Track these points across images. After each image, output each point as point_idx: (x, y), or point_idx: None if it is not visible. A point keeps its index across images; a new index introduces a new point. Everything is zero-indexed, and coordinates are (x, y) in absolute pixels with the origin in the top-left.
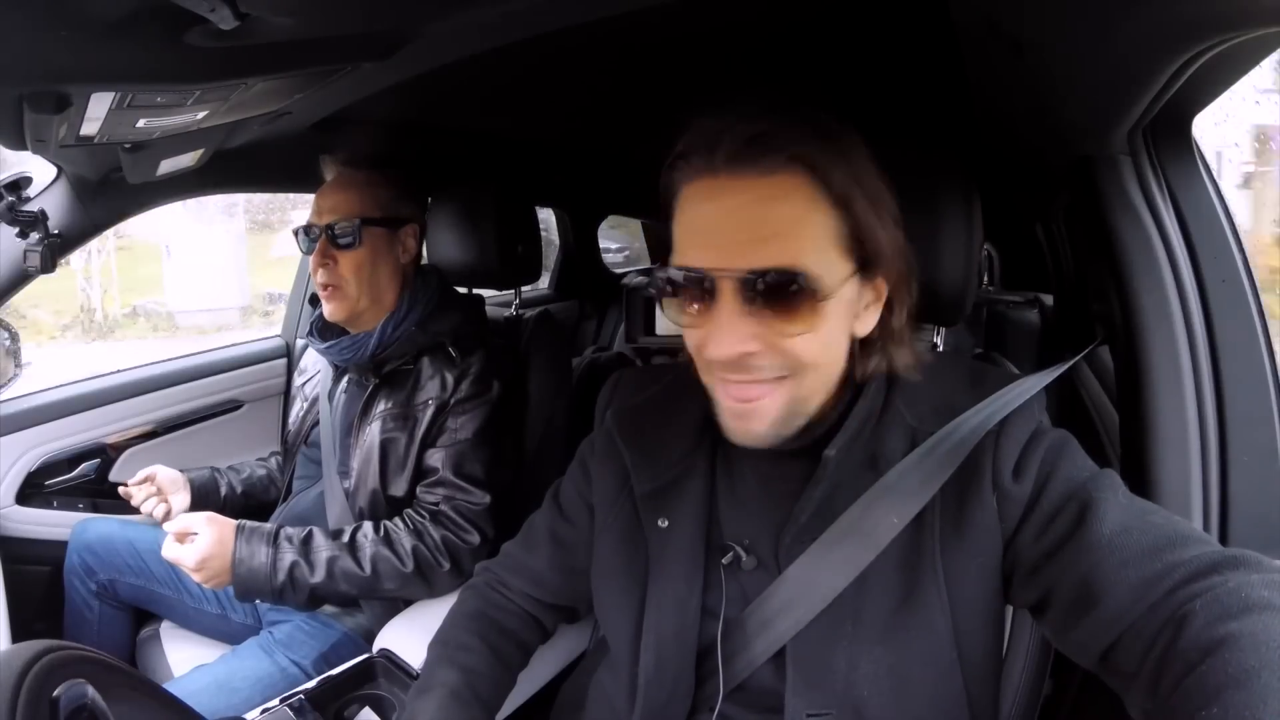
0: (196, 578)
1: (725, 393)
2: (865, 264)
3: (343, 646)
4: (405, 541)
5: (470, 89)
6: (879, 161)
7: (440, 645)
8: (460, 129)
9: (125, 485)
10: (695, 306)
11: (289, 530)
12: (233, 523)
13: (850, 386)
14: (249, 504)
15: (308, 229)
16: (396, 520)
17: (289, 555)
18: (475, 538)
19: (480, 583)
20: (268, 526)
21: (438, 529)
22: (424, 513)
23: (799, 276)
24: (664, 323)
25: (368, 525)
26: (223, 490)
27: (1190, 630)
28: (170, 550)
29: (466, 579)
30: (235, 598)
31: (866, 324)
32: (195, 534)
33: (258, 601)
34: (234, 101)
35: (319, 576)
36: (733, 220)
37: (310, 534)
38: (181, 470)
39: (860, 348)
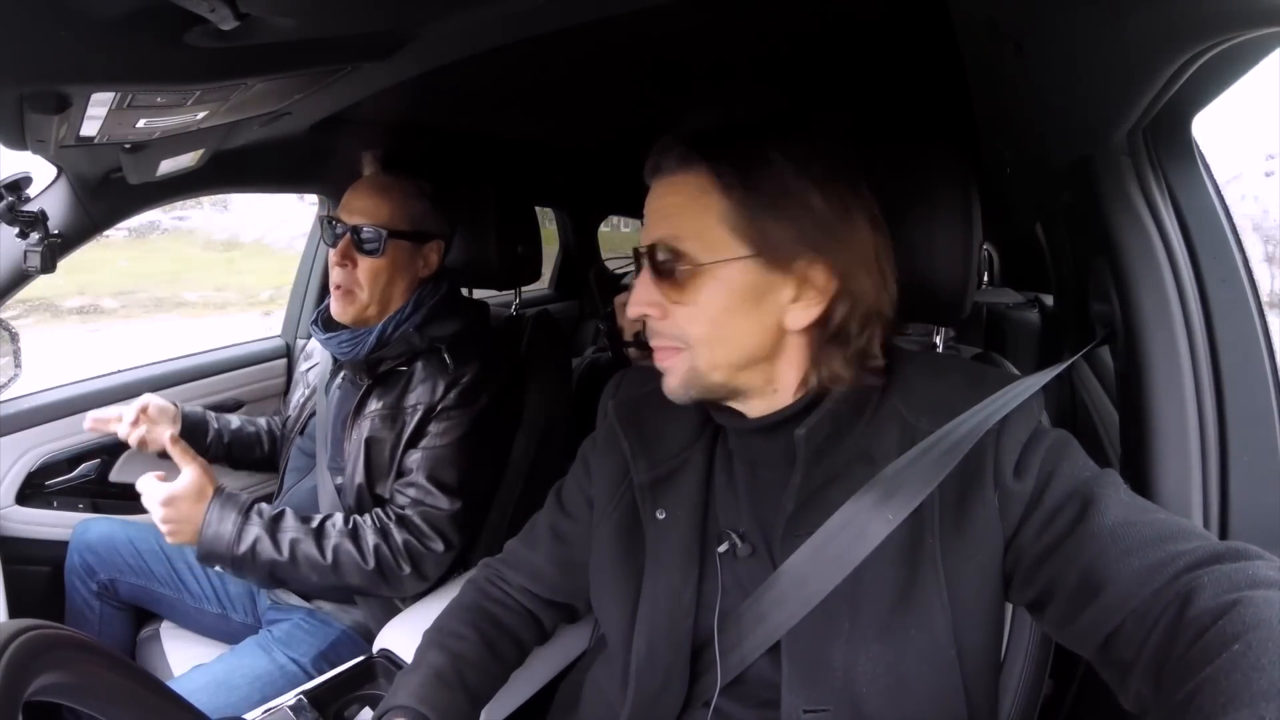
0: (158, 517)
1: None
2: (766, 250)
3: (341, 644)
4: (369, 539)
5: (470, 90)
6: (840, 164)
7: (433, 632)
8: (460, 129)
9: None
10: None
11: (263, 506)
12: (215, 484)
13: (814, 380)
14: (232, 455)
15: (333, 222)
16: (367, 516)
17: (254, 529)
18: (439, 545)
19: (480, 577)
20: (244, 497)
21: (401, 532)
22: (392, 514)
23: (671, 248)
24: None
25: (339, 516)
26: (209, 435)
27: (1198, 602)
28: (146, 482)
29: (429, 584)
30: (197, 559)
31: (797, 319)
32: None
33: (259, 600)
34: (234, 102)
35: (279, 555)
36: (649, 211)
37: (282, 513)
38: (175, 404)
39: (819, 348)
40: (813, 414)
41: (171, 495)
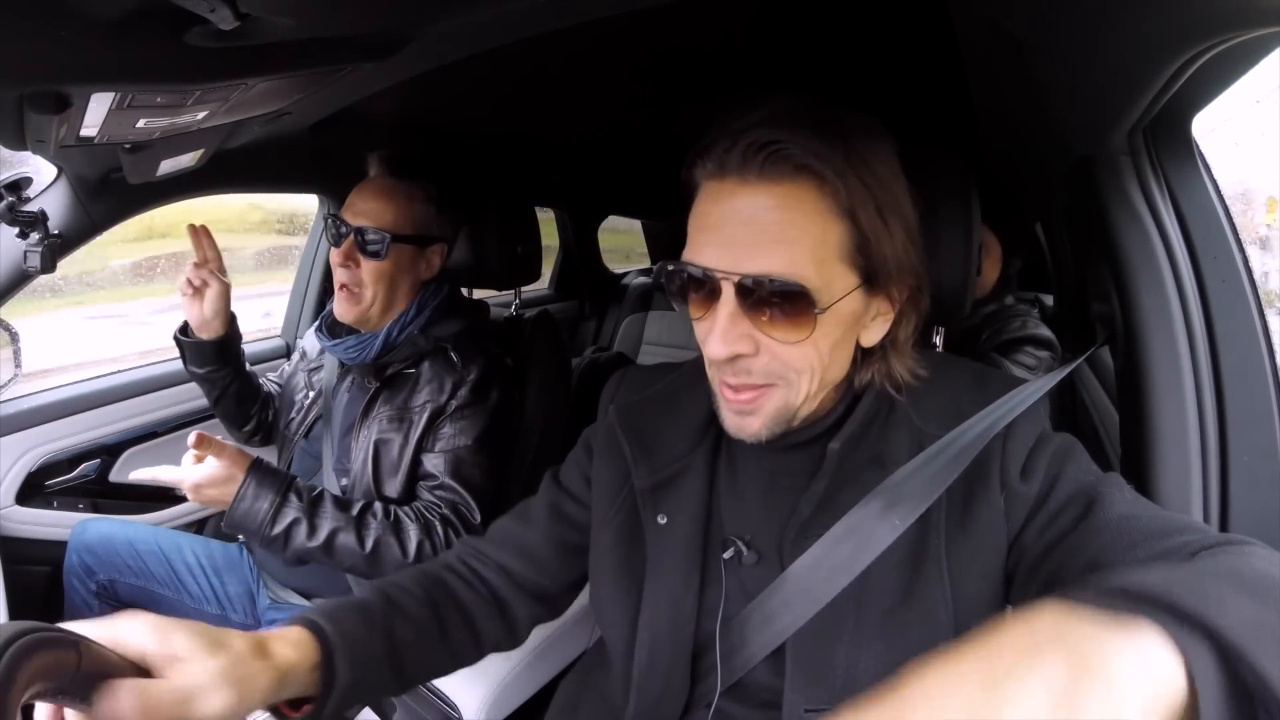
0: (190, 496)
1: (723, 390)
2: (871, 277)
3: None
4: (412, 534)
5: (470, 90)
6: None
7: (376, 581)
8: (460, 129)
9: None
10: (701, 303)
11: (302, 484)
12: (250, 458)
13: (851, 387)
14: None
15: (338, 221)
16: (406, 509)
17: (291, 512)
18: None
19: (453, 554)
20: (284, 473)
21: (444, 529)
22: (433, 513)
23: (795, 286)
24: None
25: (378, 506)
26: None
27: None
28: (169, 473)
29: None
30: (223, 528)
31: (874, 335)
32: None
33: (259, 599)
34: (234, 102)
35: (315, 542)
36: (737, 223)
37: (320, 495)
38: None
39: (862, 355)
40: (845, 426)
41: (196, 483)
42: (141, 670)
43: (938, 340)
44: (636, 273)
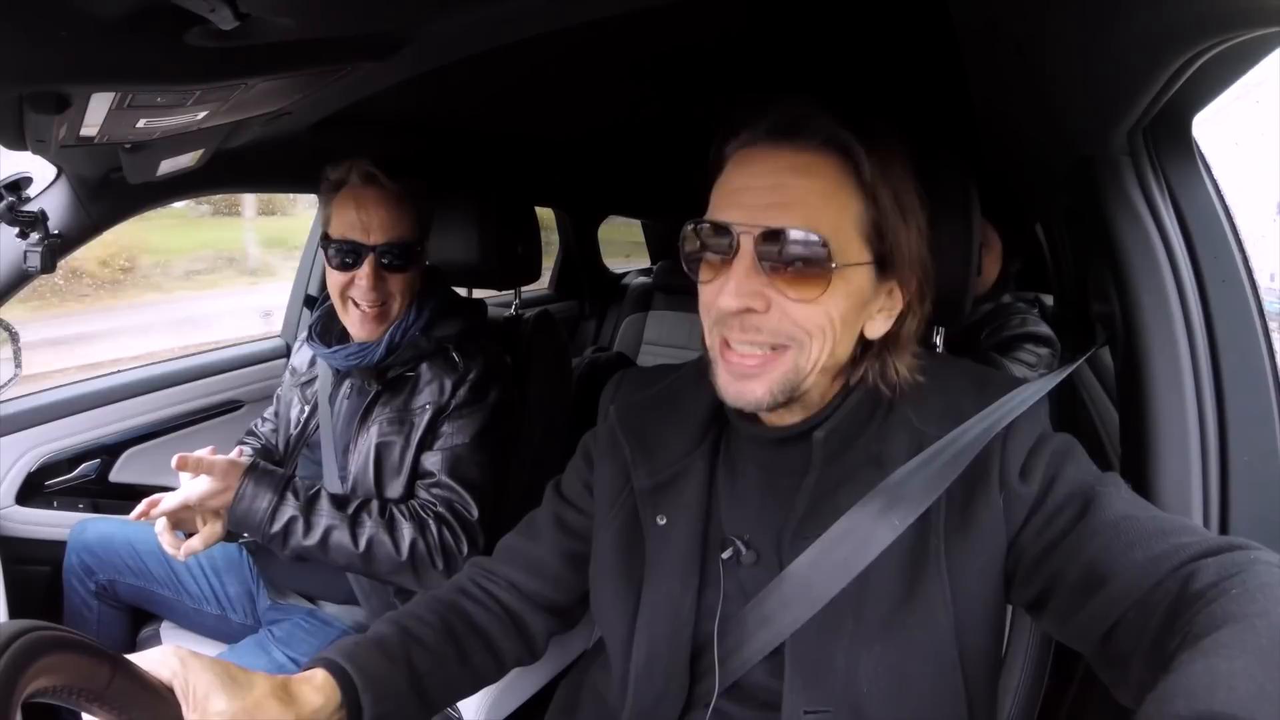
0: (196, 510)
1: (725, 354)
2: (884, 260)
3: None
4: (406, 532)
5: (471, 90)
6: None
7: (391, 614)
8: (460, 129)
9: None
10: (716, 260)
11: (299, 483)
12: (244, 465)
13: (847, 383)
14: None
15: (354, 247)
16: (402, 507)
17: (289, 510)
18: (467, 547)
19: (463, 576)
20: (281, 472)
21: (439, 528)
22: (429, 511)
23: (813, 239)
24: None
25: (374, 504)
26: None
27: (1199, 581)
28: (171, 500)
29: None
30: (228, 525)
31: (878, 327)
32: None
33: (259, 600)
34: (234, 102)
35: (311, 540)
36: (762, 185)
37: (318, 494)
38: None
39: (861, 349)
40: (832, 417)
41: (198, 499)
42: (174, 699)
43: (938, 340)
44: (636, 273)
